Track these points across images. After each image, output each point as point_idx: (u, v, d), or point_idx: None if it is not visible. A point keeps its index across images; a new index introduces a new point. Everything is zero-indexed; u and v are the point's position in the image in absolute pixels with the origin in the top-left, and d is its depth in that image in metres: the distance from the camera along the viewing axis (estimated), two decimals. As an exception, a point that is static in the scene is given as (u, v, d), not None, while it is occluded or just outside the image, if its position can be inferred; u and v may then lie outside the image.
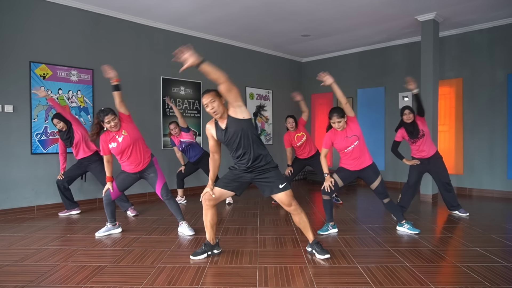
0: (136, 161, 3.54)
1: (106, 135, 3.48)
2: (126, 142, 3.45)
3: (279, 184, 2.78)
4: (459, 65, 6.12)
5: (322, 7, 5.11)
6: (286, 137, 5.09)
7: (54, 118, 4.32)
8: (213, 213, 2.91)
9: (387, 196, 3.59)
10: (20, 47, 4.50)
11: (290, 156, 5.12)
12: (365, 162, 3.50)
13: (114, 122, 3.40)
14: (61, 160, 4.48)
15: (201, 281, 2.46)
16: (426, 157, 4.23)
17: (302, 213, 2.88)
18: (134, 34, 5.55)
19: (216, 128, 2.77)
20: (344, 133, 3.46)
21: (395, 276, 2.52)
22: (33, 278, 2.52)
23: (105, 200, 3.58)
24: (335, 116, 3.41)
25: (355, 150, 3.45)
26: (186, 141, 5.12)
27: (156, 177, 3.63)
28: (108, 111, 3.39)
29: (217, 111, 2.66)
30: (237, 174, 2.86)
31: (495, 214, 4.52)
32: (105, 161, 3.53)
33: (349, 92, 7.55)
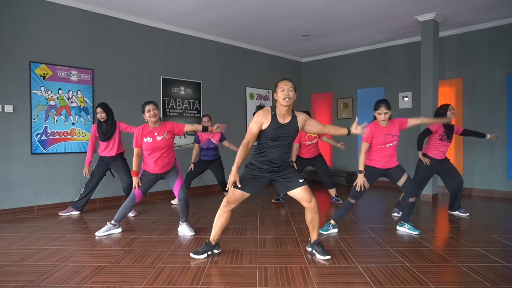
0: (164, 162, 3.57)
1: (143, 129, 3.50)
2: (163, 143, 3.49)
3: (298, 179, 2.81)
4: (459, 65, 6.12)
5: (322, 7, 5.11)
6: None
7: (98, 106, 4.30)
8: (228, 216, 2.87)
9: (415, 195, 3.56)
10: (20, 47, 4.50)
11: (296, 153, 5.08)
12: (393, 162, 3.54)
13: (154, 112, 3.45)
14: (89, 153, 4.41)
15: (201, 281, 2.46)
16: (441, 158, 4.22)
17: (318, 213, 2.86)
18: (134, 34, 5.56)
19: (271, 120, 2.69)
20: (386, 130, 3.45)
21: (395, 276, 2.52)
22: (33, 278, 2.52)
23: (129, 201, 3.60)
24: (383, 106, 3.40)
25: (391, 148, 3.47)
26: (215, 143, 5.10)
27: (177, 177, 3.66)
28: (151, 102, 3.52)
29: (289, 98, 2.66)
30: (256, 174, 2.81)
31: (495, 214, 4.52)
32: (135, 154, 3.52)
33: (349, 92, 7.56)
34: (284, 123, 2.71)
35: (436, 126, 4.16)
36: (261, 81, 7.52)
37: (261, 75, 7.52)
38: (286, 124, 2.71)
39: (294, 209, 4.75)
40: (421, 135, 4.26)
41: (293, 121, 2.74)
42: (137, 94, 5.55)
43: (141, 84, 5.64)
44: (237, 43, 6.99)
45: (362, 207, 5.04)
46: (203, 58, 6.47)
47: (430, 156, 4.24)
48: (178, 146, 6.00)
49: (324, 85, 8.00)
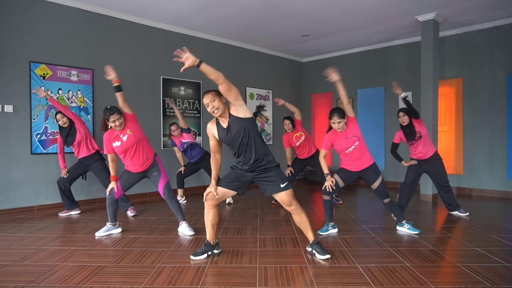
0: (140, 160, 3.55)
1: (110, 134, 3.48)
2: (130, 141, 3.46)
3: (280, 183, 2.78)
4: (459, 65, 6.12)
5: (322, 7, 5.11)
6: (284, 138, 5.10)
7: (58, 113, 4.30)
8: (215, 213, 2.91)
9: (387, 196, 3.59)
10: (20, 47, 4.50)
11: (290, 157, 5.13)
12: (365, 162, 3.50)
13: (119, 121, 3.40)
14: (60, 159, 4.45)
15: (201, 281, 2.46)
16: (424, 158, 4.23)
17: (302, 213, 2.87)
18: (134, 34, 5.56)
19: (217, 127, 2.77)
20: (344, 134, 3.45)
21: (395, 276, 2.52)
22: (33, 278, 2.52)
23: (108, 199, 3.59)
24: (336, 116, 3.40)
25: (355, 151, 3.45)
26: (187, 142, 5.11)
27: (159, 175, 3.63)
28: (114, 110, 3.40)
29: (217, 110, 2.66)
30: (239, 174, 2.86)
31: (495, 214, 4.52)
32: (110, 160, 3.52)
33: (349, 92, 7.54)
34: (226, 126, 2.72)
35: (397, 137, 4.27)
36: (261, 81, 7.52)
37: (261, 75, 7.52)
38: (228, 126, 2.71)
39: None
40: (391, 150, 4.35)
41: (231, 119, 2.70)
42: (137, 94, 5.55)
43: (141, 84, 5.64)
44: (237, 43, 6.99)
45: (362, 207, 5.04)
46: (203, 58, 6.35)
47: (415, 158, 4.31)
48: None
49: (324, 85, 7.99)
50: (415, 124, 4.14)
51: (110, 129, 3.50)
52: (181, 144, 5.14)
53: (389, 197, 3.60)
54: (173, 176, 5.74)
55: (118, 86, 3.50)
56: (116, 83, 3.50)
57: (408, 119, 4.13)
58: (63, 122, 4.31)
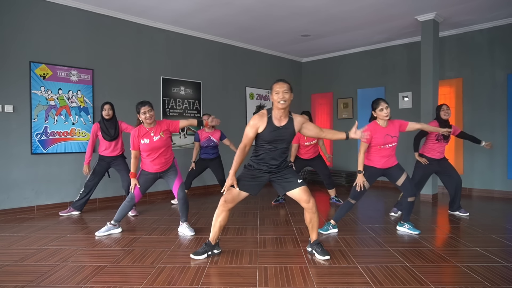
0: (162, 162, 3.57)
1: (138, 130, 3.49)
2: (160, 143, 3.49)
3: (297, 179, 2.80)
4: (459, 65, 6.12)
5: (322, 7, 5.11)
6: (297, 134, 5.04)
7: (107, 103, 4.30)
8: (226, 216, 2.88)
9: (414, 194, 3.56)
10: (20, 47, 4.50)
11: (294, 153, 5.06)
12: (393, 162, 3.54)
13: (149, 113, 3.43)
14: (88, 153, 4.36)
15: (201, 281, 2.46)
16: (440, 158, 4.23)
17: (316, 213, 2.86)
18: (134, 34, 5.56)
19: (267, 123, 2.69)
20: (386, 131, 3.44)
21: (395, 276, 2.52)
22: (33, 278, 2.52)
23: (128, 202, 3.59)
24: (383, 101, 3.41)
25: (390, 149, 3.47)
26: (215, 142, 5.13)
27: (175, 176, 3.66)
28: (146, 102, 3.46)
29: (284, 102, 2.63)
30: (255, 174, 2.82)
31: (495, 214, 4.52)
32: (133, 156, 3.52)
33: (349, 92, 7.56)
34: (280, 126, 2.69)
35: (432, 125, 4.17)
36: (261, 81, 7.52)
37: (261, 75, 7.52)
38: (282, 127, 2.70)
39: (294, 209, 4.75)
40: (418, 136, 4.31)
41: (289, 123, 2.72)
42: (137, 94, 5.55)
43: (141, 84, 5.64)
44: (237, 43, 6.99)
45: (362, 207, 5.04)
46: (203, 58, 6.47)
47: (428, 156, 4.26)
48: (178, 146, 6.01)
49: (324, 85, 8.00)
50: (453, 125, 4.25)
51: (139, 125, 3.52)
52: (207, 140, 5.10)
53: (415, 196, 3.57)
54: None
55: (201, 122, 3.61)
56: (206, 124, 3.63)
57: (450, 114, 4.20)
58: (107, 113, 4.29)
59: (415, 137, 4.32)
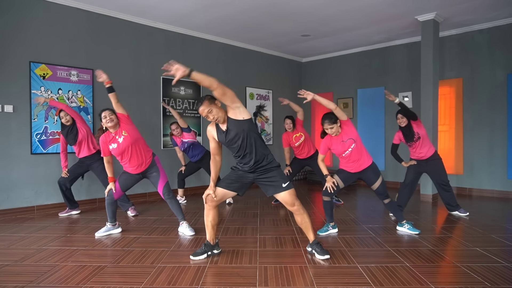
0: (138, 162, 3.55)
1: (106, 136, 3.49)
2: (126, 143, 3.46)
3: (282, 183, 2.77)
4: (459, 65, 6.12)
5: (322, 7, 5.11)
6: (284, 137, 5.09)
7: (61, 111, 4.29)
8: (215, 214, 2.91)
9: (387, 196, 3.60)
10: (20, 47, 4.50)
11: (288, 156, 5.14)
12: (364, 163, 3.50)
13: (110, 117, 3.41)
14: (62, 158, 4.42)
15: (201, 281, 2.46)
16: (424, 158, 4.24)
17: (304, 213, 2.87)
18: (134, 34, 5.55)
19: (217, 130, 2.76)
20: (339, 138, 3.45)
21: (395, 276, 2.52)
22: (33, 278, 2.52)
23: (107, 200, 3.59)
24: (327, 122, 3.41)
25: (353, 153, 3.44)
26: (188, 141, 5.12)
27: (159, 176, 3.64)
28: (106, 109, 3.47)
29: (218, 118, 2.65)
30: (240, 174, 2.85)
31: (495, 214, 4.52)
32: (105, 162, 3.54)
33: (349, 92, 7.56)
34: (225, 129, 2.71)
35: (397, 138, 4.31)
36: (261, 81, 7.52)
37: (261, 75, 7.52)
38: (227, 129, 2.70)
39: (294, 209, 4.74)
40: (391, 151, 4.38)
41: (230, 122, 2.68)
42: (137, 94, 5.55)
43: (141, 84, 5.64)
44: (237, 43, 6.99)
45: (362, 207, 5.04)
46: (203, 58, 6.47)
47: (415, 158, 4.32)
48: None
49: (324, 85, 8.00)
50: (413, 125, 4.16)
51: (105, 131, 3.50)
52: (182, 144, 5.14)
53: (389, 198, 3.61)
54: (174, 176, 5.75)
55: (110, 87, 3.55)
56: (108, 84, 3.55)
57: (406, 120, 4.15)
58: (66, 120, 4.29)
59: (391, 152, 4.40)
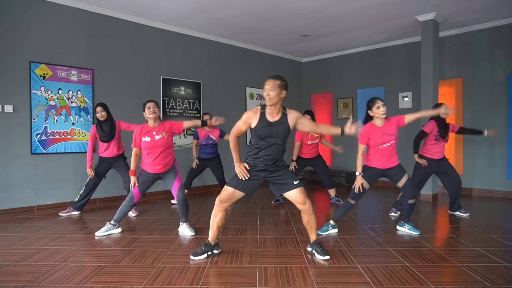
0: (162, 162, 3.57)
1: (141, 128, 3.53)
2: (161, 142, 3.50)
3: (293, 181, 2.78)
4: (459, 65, 6.12)
5: (322, 8, 5.11)
6: (299, 131, 4.99)
7: (98, 105, 4.28)
8: (224, 215, 2.89)
9: (415, 196, 3.54)
10: (20, 47, 4.50)
11: (297, 152, 5.02)
12: (394, 161, 3.50)
13: (154, 109, 3.49)
14: (89, 156, 4.33)
15: (201, 281, 2.46)
16: (438, 158, 4.21)
17: (313, 214, 2.86)
18: (134, 34, 5.55)
19: (260, 118, 2.70)
20: (382, 130, 3.41)
21: (395, 276, 2.52)
22: (33, 278, 2.52)
23: (128, 202, 3.59)
24: (379, 99, 3.38)
25: (389, 148, 3.43)
26: (214, 140, 5.13)
27: (175, 178, 3.66)
28: (152, 100, 3.57)
29: (270, 98, 2.63)
30: (251, 173, 2.80)
31: (495, 214, 4.52)
32: (133, 154, 3.54)
33: (349, 92, 7.56)
34: (274, 121, 2.69)
35: (430, 127, 4.18)
36: (261, 81, 7.42)
37: (261, 75, 7.51)
38: (275, 122, 2.69)
39: (294, 209, 4.74)
40: (417, 137, 4.28)
41: (283, 119, 2.71)
42: (137, 94, 5.55)
43: (141, 84, 5.64)
44: (237, 43, 6.99)
45: (362, 207, 5.04)
46: (203, 58, 6.47)
47: (427, 156, 4.25)
48: (178, 146, 6.01)
49: (324, 85, 8.00)
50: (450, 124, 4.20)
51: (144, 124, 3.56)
52: (206, 138, 5.09)
53: (415, 199, 3.55)
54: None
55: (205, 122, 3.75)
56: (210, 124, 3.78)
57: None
58: (101, 116, 4.26)
59: (415, 138, 4.29)
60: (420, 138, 4.25)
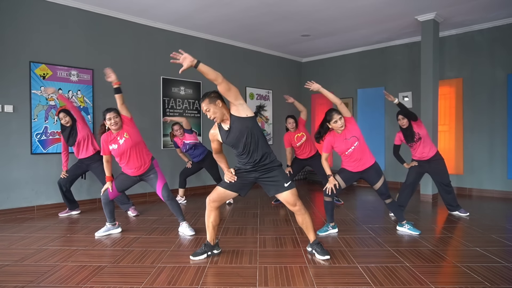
0: (136, 164, 3.54)
1: (107, 136, 3.49)
2: (127, 145, 3.47)
3: (284, 183, 2.77)
4: (459, 65, 6.12)
5: (322, 7, 5.11)
6: (286, 137, 5.08)
7: (61, 112, 4.28)
8: (216, 215, 2.90)
9: (389, 196, 3.59)
10: (20, 47, 4.50)
11: (290, 156, 5.12)
12: (367, 162, 3.49)
13: (114, 120, 3.42)
14: (63, 158, 4.41)
15: (201, 281, 2.46)
16: (425, 158, 4.23)
17: (306, 214, 2.87)
18: (134, 34, 5.55)
19: (220, 130, 2.75)
20: (342, 136, 3.43)
21: (395, 276, 2.52)
22: (33, 278, 2.52)
23: (103, 200, 3.59)
24: (335, 113, 3.37)
25: (356, 151, 3.43)
26: (190, 142, 5.11)
27: (157, 178, 3.63)
28: (111, 109, 3.48)
29: (216, 117, 2.65)
30: (242, 175, 2.83)
31: (495, 214, 4.52)
32: (104, 161, 3.54)
33: (349, 92, 7.56)
34: (227, 128, 2.70)
35: (397, 138, 4.31)
36: (261, 81, 7.52)
37: (261, 75, 7.52)
38: (230, 128, 2.69)
39: (294, 209, 4.74)
40: (394, 152, 4.38)
41: (232, 119, 2.67)
42: (137, 94, 5.55)
43: (141, 84, 5.64)
44: (237, 43, 6.99)
45: (362, 207, 5.04)
46: (203, 58, 6.46)
47: (417, 159, 4.31)
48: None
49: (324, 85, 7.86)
50: (414, 126, 4.16)
51: (107, 131, 3.50)
52: (183, 145, 5.13)
53: (391, 198, 3.60)
54: (175, 176, 5.76)
55: (118, 88, 3.52)
56: (116, 85, 3.52)
57: (407, 122, 4.15)
58: (66, 121, 4.29)
59: (393, 153, 4.39)
60: (396, 152, 4.37)
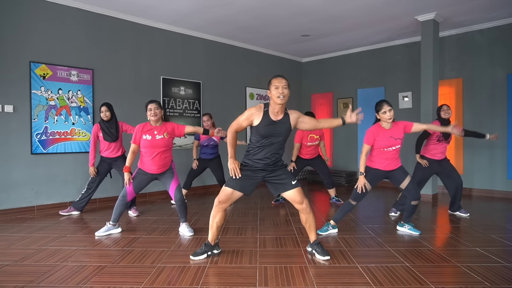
0: (160, 163, 3.54)
1: (143, 126, 3.50)
2: (162, 142, 3.48)
3: (291, 180, 2.78)
4: (459, 65, 6.12)
5: (322, 7, 5.11)
6: (299, 133, 4.96)
7: (103, 105, 4.27)
8: (222, 216, 2.88)
9: (418, 198, 3.51)
10: (20, 47, 4.50)
11: (296, 153, 5.03)
12: (397, 164, 3.50)
13: (155, 111, 3.45)
14: (92, 154, 4.35)
15: (201, 281, 2.46)
16: (440, 158, 4.20)
17: (311, 213, 2.87)
18: (134, 34, 5.55)
19: (263, 116, 2.68)
20: (389, 133, 3.39)
21: (395, 276, 2.52)
22: (33, 278, 2.52)
23: (120, 200, 3.56)
24: (386, 104, 3.35)
25: (394, 151, 3.42)
26: (215, 141, 5.10)
27: (172, 178, 3.64)
28: (154, 100, 3.52)
29: (284, 97, 2.61)
30: (249, 173, 2.79)
31: (495, 214, 4.52)
32: (131, 150, 3.50)
33: (349, 92, 7.56)
34: (277, 120, 2.68)
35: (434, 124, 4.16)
36: (261, 81, 7.51)
37: (261, 75, 7.52)
38: (278, 121, 2.68)
39: (294, 209, 4.74)
40: (420, 137, 4.27)
41: (285, 118, 2.71)
42: (137, 94, 5.55)
43: (141, 84, 5.64)
44: (237, 43, 6.99)
45: (362, 207, 5.04)
46: (203, 58, 6.47)
47: (429, 157, 4.25)
48: (178, 146, 6.01)
49: (324, 85, 8.00)
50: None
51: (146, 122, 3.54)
52: (208, 139, 5.04)
53: (418, 200, 3.54)
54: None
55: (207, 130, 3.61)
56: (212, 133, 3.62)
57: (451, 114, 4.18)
58: (106, 116, 4.26)
59: (418, 139, 4.29)
60: (423, 138, 4.25)
